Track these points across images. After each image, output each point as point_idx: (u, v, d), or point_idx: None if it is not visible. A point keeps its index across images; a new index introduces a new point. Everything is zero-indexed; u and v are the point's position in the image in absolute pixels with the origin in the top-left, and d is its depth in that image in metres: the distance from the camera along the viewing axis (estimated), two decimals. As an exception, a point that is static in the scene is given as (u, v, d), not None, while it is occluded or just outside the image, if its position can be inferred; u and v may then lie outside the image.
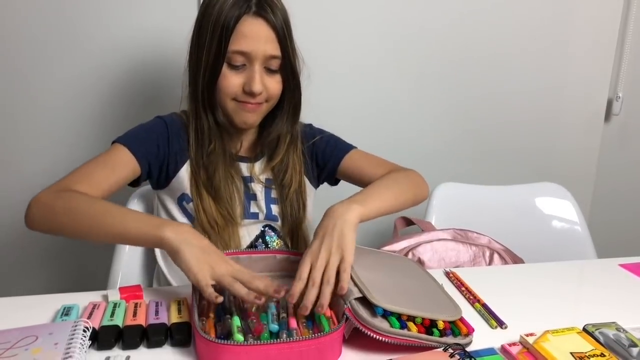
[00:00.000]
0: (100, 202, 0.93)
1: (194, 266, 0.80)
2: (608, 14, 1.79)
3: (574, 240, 1.47)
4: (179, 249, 0.81)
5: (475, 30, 1.68)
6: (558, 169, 1.87)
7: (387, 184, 1.05)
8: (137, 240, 0.89)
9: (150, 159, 1.07)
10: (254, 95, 1.03)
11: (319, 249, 0.83)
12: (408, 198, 1.06)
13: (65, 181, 0.96)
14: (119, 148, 1.04)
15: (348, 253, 0.83)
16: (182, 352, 0.76)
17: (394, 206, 1.02)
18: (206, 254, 0.82)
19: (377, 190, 1.01)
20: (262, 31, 1.01)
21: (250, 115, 1.07)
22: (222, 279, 0.79)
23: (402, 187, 1.06)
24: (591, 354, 0.74)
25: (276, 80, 1.06)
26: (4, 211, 1.51)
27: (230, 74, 1.03)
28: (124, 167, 1.03)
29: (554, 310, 0.93)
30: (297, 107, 1.12)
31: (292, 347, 0.71)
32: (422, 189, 1.12)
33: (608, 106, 1.89)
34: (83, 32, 1.43)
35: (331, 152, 1.19)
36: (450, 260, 1.22)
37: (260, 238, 1.14)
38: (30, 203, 0.93)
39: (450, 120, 1.75)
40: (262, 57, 1.02)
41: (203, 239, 0.85)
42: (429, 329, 0.77)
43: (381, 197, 0.99)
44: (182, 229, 0.85)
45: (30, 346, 0.69)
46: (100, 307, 0.84)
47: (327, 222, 0.87)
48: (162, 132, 1.09)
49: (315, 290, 0.79)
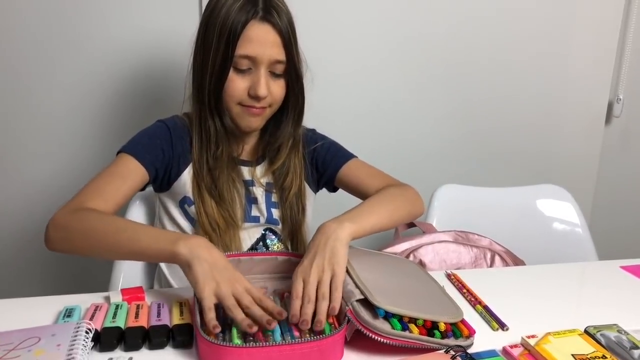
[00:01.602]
0: (113, 220, 0.94)
1: (200, 282, 0.79)
2: (609, 16, 1.79)
3: (575, 242, 1.47)
4: (191, 264, 0.81)
5: (477, 33, 1.68)
6: (559, 171, 1.87)
7: (382, 201, 1.04)
8: (152, 256, 0.90)
9: (157, 165, 1.07)
10: (259, 99, 1.04)
11: (310, 266, 0.83)
12: (402, 215, 1.06)
13: (79, 198, 0.96)
14: (126, 158, 1.04)
15: (340, 270, 0.83)
16: (184, 354, 0.76)
17: (388, 223, 1.01)
18: (216, 270, 0.81)
19: (371, 207, 1.00)
20: (269, 36, 1.01)
21: (254, 119, 1.08)
22: (224, 300, 0.78)
23: (397, 204, 1.06)
24: (592, 356, 0.74)
25: (280, 85, 1.06)
26: (6, 213, 1.51)
27: (236, 77, 1.03)
28: (133, 177, 1.03)
29: (556, 312, 0.93)
30: (300, 111, 1.13)
31: (294, 349, 0.71)
32: (417, 206, 1.11)
33: (609, 108, 1.89)
34: (84, 34, 1.44)
35: (331, 160, 1.19)
36: (451, 262, 1.22)
37: (261, 241, 1.14)
38: (47, 225, 0.93)
39: (452, 123, 1.75)
40: (267, 62, 1.02)
41: (215, 252, 0.84)
42: (430, 330, 0.77)
43: (375, 214, 0.98)
44: (195, 243, 0.84)
45: (33, 347, 0.69)
46: (103, 308, 0.84)
47: (319, 239, 0.87)
48: (165, 136, 1.09)
49: (312, 306, 0.79)
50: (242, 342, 0.73)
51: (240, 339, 0.74)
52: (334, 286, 0.81)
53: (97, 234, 0.90)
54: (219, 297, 0.78)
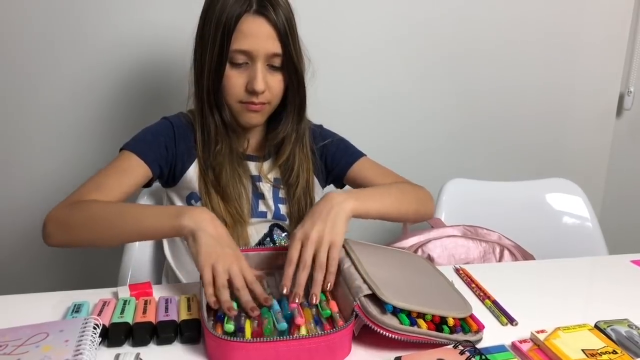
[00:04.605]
0: (114, 205, 0.94)
1: (202, 255, 0.81)
2: (620, 7, 1.77)
3: (585, 236, 1.46)
4: (195, 235, 0.83)
5: (486, 25, 1.67)
6: (569, 165, 1.86)
7: (391, 191, 1.04)
8: (157, 233, 0.91)
9: (160, 162, 1.07)
10: (257, 95, 1.03)
11: (311, 229, 0.84)
12: (409, 211, 1.05)
13: (77, 194, 0.97)
14: (127, 154, 1.04)
15: (338, 241, 0.84)
16: (191, 349, 0.76)
17: (393, 214, 1.00)
18: (218, 245, 0.82)
19: (379, 193, 1.00)
20: (263, 29, 1.00)
21: (254, 116, 1.07)
22: (216, 276, 0.79)
23: (406, 199, 1.05)
24: (603, 351, 0.74)
25: (278, 79, 1.06)
26: (13, 209, 1.52)
27: (232, 73, 1.03)
28: (134, 173, 1.03)
29: (565, 307, 0.92)
30: (301, 105, 1.12)
31: (302, 344, 0.71)
32: (427, 206, 1.10)
33: (620, 101, 1.88)
34: (89, 29, 1.44)
35: (341, 157, 1.19)
36: (460, 256, 1.22)
37: (269, 237, 1.14)
38: (44, 221, 0.93)
39: (460, 116, 1.74)
40: (263, 55, 1.01)
41: (220, 227, 0.86)
42: (439, 326, 0.77)
43: (381, 200, 0.98)
44: (199, 216, 0.85)
45: (41, 343, 0.69)
46: (110, 304, 0.84)
47: (323, 205, 0.88)
48: (168, 134, 1.09)
49: (306, 273, 0.80)
50: (232, 325, 0.73)
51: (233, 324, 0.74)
52: (332, 256, 0.82)
53: (101, 220, 0.91)
54: (214, 272, 0.79)
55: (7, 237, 1.55)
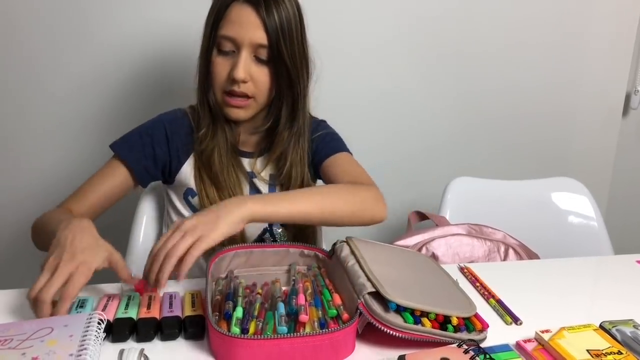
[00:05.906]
0: (50, 215, 0.99)
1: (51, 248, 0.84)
2: (627, 6, 1.76)
3: (591, 235, 1.46)
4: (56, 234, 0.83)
5: (491, 23, 1.67)
6: (574, 164, 1.85)
7: (315, 192, 0.98)
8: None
9: (147, 162, 1.08)
10: (237, 83, 1.02)
11: (191, 220, 0.82)
12: (340, 212, 0.96)
13: (65, 200, 1.05)
14: (112, 159, 1.08)
15: (211, 236, 0.80)
16: (195, 345, 0.76)
17: (313, 216, 0.93)
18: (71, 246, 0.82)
19: (297, 195, 0.95)
20: (250, 18, 0.99)
21: (236, 111, 1.06)
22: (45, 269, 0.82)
23: (339, 201, 0.96)
24: (608, 351, 0.73)
25: (264, 72, 1.04)
26: (18, 205, 1.53)
27: (219, 60, 1.03)
28: (114, 176, 1.07)
29: (570, 307, 0.92)
30: (294, 104, 1.09)
31: (307, 342, 0.71)
32: (372, 209, 0.99)
33: (626, 100, 1.87)
34: (94, 28, 1.44)
35: (321, 149, 1.16)
36: (464, 255, 1.21)
37: (268, 232, 1.15)
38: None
39: (465, 114, 1.74)
40: (248, 44, 1.01)
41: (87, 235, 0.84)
42: (443, 324, 0.76)
43: (295, 203, 0.91)
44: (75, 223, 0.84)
45: (46, 338, 0.70)
46: (115, 299, 0.84)
47: (222, 204, 0.86)
48: (159, 134, 1.10)
49: (157, 264, 0.78)
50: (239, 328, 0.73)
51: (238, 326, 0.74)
52: (194, 247, 0.79)
53: (39, 230, 0.98)
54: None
55: (12, 230, 1.55)
